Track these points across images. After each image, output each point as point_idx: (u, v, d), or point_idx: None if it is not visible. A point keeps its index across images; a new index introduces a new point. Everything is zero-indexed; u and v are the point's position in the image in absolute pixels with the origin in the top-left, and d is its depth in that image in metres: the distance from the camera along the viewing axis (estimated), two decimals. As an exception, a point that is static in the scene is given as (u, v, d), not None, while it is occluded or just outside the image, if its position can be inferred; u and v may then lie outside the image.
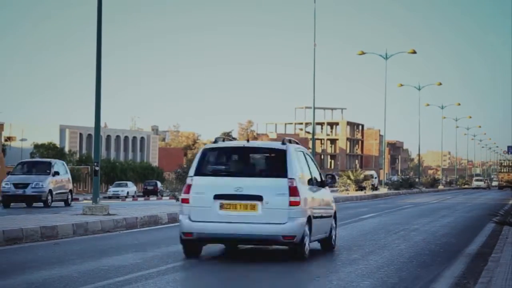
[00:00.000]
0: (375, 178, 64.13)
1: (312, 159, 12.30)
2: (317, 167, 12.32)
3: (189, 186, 10.94)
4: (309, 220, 10.95)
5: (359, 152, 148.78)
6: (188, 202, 10.85)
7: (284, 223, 10.51)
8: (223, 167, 11.42)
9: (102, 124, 22.74)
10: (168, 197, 49.63)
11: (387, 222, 20.36)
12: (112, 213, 18.90)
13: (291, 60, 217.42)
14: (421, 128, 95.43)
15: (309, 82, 41.23)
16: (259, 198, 10.58)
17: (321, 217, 11.76)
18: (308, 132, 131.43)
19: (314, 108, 42.30)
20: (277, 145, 11.44)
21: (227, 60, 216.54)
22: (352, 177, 53.88)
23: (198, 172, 10.98)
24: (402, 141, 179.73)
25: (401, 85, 70.34)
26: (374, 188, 57.02)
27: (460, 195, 57.33)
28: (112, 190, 59.94)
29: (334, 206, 12.77)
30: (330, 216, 12.41)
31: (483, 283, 8.31)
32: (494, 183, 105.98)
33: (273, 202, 10.58)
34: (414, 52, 55.82)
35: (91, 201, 20.04)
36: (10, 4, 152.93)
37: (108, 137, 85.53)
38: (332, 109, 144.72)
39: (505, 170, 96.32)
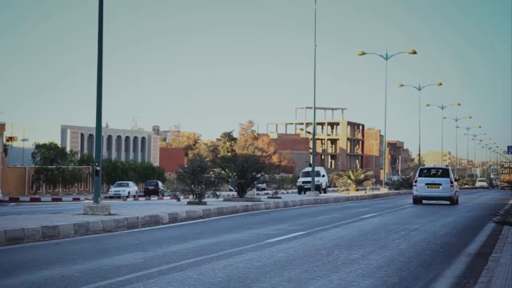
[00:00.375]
0: (323, 176, 53.49)
1: (452, 170, 36.98)
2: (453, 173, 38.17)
3: (417, 180, 33.79)
4: (455, 192, 33.87)
5: (359, 152, 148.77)
6: (416, 186, 33.71)
7: (449, 193, 33.10)
8: (428, 173, 34.27)
9: (103, 124, 22.80)
10: (169, 197, 49.72)
11: (388, 222, 20.39)
12: (113, 213, 18.94)
13: (292, 60, 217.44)
14: (421, 128, 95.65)
15: (309, 82, 41.28)
16: (440, 184, 33.11)
17: (456, 191, 34.39)
18: (309, 132, 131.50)
19: (315, 108, 42.32)
20: (445, 166, 36.73)
21: (228, 60, 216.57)
22: (352, 177, 53.92)
23: (419, 176, 33.93)
24: (403, 141, 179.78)
25: (402, 85, 70.35)
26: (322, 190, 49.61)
27: (460, 195, 57.23)
28: (113, 190, 59.94)
29: (458, 187, 37.00)
30: (458, 191, 35.52)
31: (483, 283, 8.34)
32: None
33: (445, 186, 33.06)
34: (415, 53, 55.82)
35: (92, 201, 20.07)
36: (10, 4, 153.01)
37: (109, 137, 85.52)
38: (332, 109, 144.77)
39: (506, 171, 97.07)
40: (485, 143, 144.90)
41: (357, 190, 52.25)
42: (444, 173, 34.12)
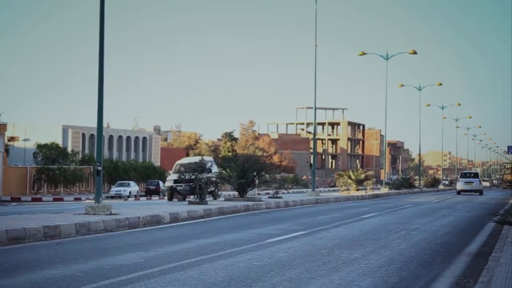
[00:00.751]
0: (209, 171, 36.04)
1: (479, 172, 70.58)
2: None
3: (458, 179, 59.75)
4: (482, 187, 59.51)
5: (360, 152, 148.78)
6: (459, 183, 58.00)
7: (478, 187, 56.46)
8: (465, 175, 59.41)
9: (104, 124, 22.83)
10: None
11: (388, 221, 20.42)
12: (115, 212, 18.98)
13: (292, 61, 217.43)
14: (421, 128, 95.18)
15: (310, 82, 41.17)
16: (473, 182, 56.63)
17: (483, 187, 61.22)
18: (310, 132, 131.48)
19: (315, 108, 42.36)
20: (476, 171, 67.92)
21: (228, 60, 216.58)
22: (353, 177, 53.98)
23: (460, 177, 59.50)
24: (403, 141, 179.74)
25: (402, 85, 70.39)
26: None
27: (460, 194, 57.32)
28: (114, 189, 59.94)
29: (483, 184, 64.98)
30: (483, 186, 62.55)
31: (483, 282, 8.37)
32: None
33: (476, 183, 56.55)
34: (415, 53, 55.86)
35: (93, 201, 20.11)
36: (11, 4, 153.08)
37: (111, 137, 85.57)
38: (333, 109, 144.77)
39: (509, 172, 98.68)
40: (485, 143, 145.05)
41: (357, 190, 52.26)
42: (475, 175, 60.01)
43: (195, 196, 25.81)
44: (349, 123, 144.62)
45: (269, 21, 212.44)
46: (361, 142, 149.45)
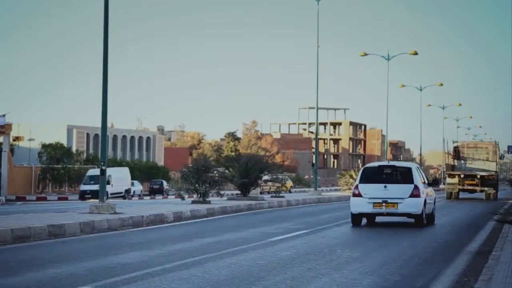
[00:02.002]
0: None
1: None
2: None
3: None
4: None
5: (361, 152, 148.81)
6: None
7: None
8: None
9: (108, 124, 22.79)
10: (173, 196, 49.85)
11: (389, 220, 20.50)
12: (119, 211, 19.07)
13: (294, 61, 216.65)
14: (422, 128, 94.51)
15: (312, 82, 41.21)
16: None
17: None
18: (312, 132, 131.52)
19: (317, 109, 42.46)
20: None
21: (231, 60, 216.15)
22: (354, 177, 54.10)
23: None
24: (404, 141, 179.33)
25: (403, 85, 70.36)
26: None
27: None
28: (118, 189, 60.02)
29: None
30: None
31: (484, 281, 8.45)
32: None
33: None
34: (416, 53, 55.92)
35: (98, 200, 20.22)
36: (15, 3, 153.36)
37: (115, 137, 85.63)
38: (335, 109, 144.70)
39: None
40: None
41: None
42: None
43: (198, 196, 25.91)
44: (351, 123, 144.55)
45: (270, 21, 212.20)
46: (362, 142, 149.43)
